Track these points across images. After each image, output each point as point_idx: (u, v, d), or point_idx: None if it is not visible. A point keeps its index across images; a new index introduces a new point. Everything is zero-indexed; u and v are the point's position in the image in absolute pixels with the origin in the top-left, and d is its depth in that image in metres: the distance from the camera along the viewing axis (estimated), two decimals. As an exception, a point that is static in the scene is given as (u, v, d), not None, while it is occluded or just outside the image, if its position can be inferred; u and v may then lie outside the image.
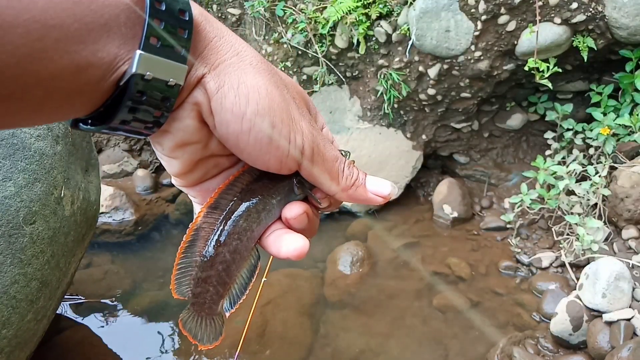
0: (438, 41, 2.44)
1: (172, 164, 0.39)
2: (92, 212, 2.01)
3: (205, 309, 0.41)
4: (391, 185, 0.43)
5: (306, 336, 2.11)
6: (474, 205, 2.92)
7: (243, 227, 0.40)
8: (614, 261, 1.99)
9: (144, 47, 0.32)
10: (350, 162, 0.43)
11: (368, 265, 2.49)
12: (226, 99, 0.35)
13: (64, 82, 0.29)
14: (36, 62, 0.28)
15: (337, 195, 0.42)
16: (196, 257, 0.40)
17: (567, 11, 2.26)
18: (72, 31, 0.29)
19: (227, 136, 0.36)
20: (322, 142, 0.40)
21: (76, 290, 2.40)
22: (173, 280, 0.40)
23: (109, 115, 0.33)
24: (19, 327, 1.62)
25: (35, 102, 0.29)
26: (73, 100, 0.31)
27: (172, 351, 2.12)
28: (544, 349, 1.99)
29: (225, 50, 0.36)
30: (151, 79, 0.32)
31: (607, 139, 2.43)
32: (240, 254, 0.40)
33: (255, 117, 0.35)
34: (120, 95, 0.32)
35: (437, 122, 2.88)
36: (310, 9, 2.63)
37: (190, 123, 0.36)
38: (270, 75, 0.37)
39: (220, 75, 0.35)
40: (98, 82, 0.31)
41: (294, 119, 0.38)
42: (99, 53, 0.30)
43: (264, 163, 0.38)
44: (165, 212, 3.06)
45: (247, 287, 0.41)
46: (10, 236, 1.58)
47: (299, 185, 0.42)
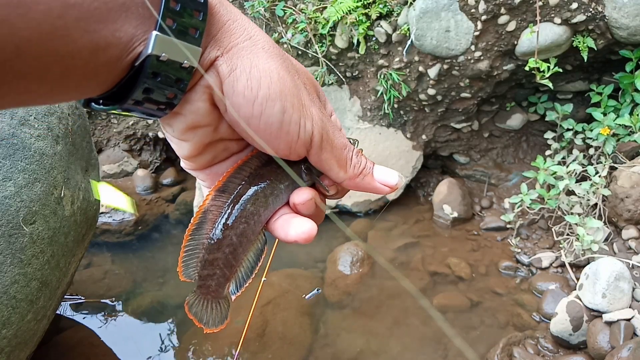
0: (438, 41, 2.44)
1: (182, 146, 0.39)
2: (92, 212, 2.01)
3: (211, 291, 0.41)
4: (399, 175, 0.43)
5: (306, 336, 2.11)
6: (474, 205, 2.92)
7: (250, 211, 0.40)
8: (614, 261, 1.99)
9: (160, 28, 0.32)
10: (358, 151, 0.43)
11: (368, 265, 2.48)
12: (238, 82, 0.35)
13: (83, 61, 0.30)
14: (57, 39, 0.28)
15: (345, 183, 0.42)
16: (203, 240, 0.40)
17: (567, 11, 2.26)
18: (91, 10, 0.29)
19: (237, 120, 0.36)
20: (332, 129, 0.40)
21: (76, 290, 2.40)
22: (180, 263, 0.40)
23: (121, 95, 0.33)
24: (19, 327, 1.62)
25: (53, 81, 0.30)
26: (89, 79, 0.31)
27: (172, 351, 2.12)
28: (544, 349, 1.99)
29: (238, 34, 0.36)
30: (166, 60, 0.32)
31: (607, 139, 2.43)
32: (247, 237, 0.40)
33: (267, 102, 0.35)
34: (134, 75, 0.33)
35: (437, 122, 2.88)
36: (310, 9, 2.63)
37: (201, 105, 0.36)
38: (282, 60, 0.37)
39: (233, 58, 0.35)
40: (115, 61, 0.31)
41: (305, 105, 0.38)
42: (117, 33, 0.30)
43: (273, 148, 0.38)
44: (165, 212, 3.06)
45: (253, 271, 0.42)
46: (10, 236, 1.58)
47: (307, 171, 0.42)
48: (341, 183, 0.42)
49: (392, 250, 2.61)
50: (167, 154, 3.58)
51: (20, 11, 0.26)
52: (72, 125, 1.87)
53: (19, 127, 1.61)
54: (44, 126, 1.70)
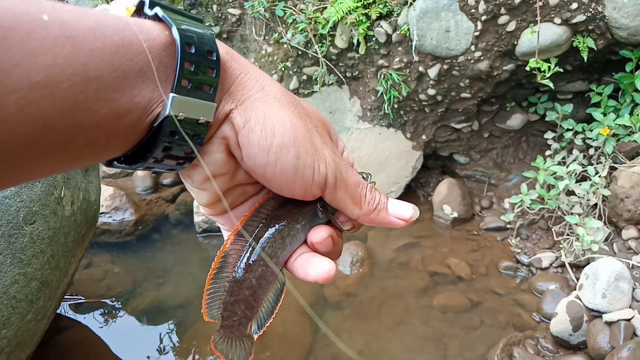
0: (438, 41, 2.44)
1: (201, 195, 0.41)
2: (92, 212, 2.01)
3: (235, 331, 0.42)
4: (413, 208, 0.44)
5: (306, 336, 2.11)
6: (474, 206, 2.92)
7: (269, 253, 0.41)
8: (614, 261, 1.99)
9: (177, 89, 0.33)
10: (372, 186, 0.44)
11: (368, 265, 2.49)
12: (253, 133, 0.36)
13: (105, 129, 0.31)
14: (79, 112, 0.29)
15: (360, 219, 0.43)
16: (224, 283, 0.41)
17: (567, 11, 2.26)
18: (110, 80, 0.30)
19: (254, 168, 0.38)
20: (345, 168, 0.41)
21: (76, 290, 2.40)
22: (204, 305, 0.42)
23: (141, 153, 0.35)
24: (19, 327, 1.62)
25: (79, 149, 0.31)
26: (111, 144, 0.33)
27: (172, 351, 2.12)
28: (544, 349, 1.99)
29: (250, 86, 0.37)
30: (183, 118, 0.34)
31: (607, 139, 2.43)
32: (266, 279, 0.42)
33: (281, 150, 0.37)
34: (153, 135, 0.34)
35: (437, 123, 2.88)
36: (310, 9, 2.63)
37: (219, 156, 0.38)
38: (293, 107, 0.39)
39: (247, 110, 0.36)
40: (134, 125, 0.33)
41: (318, 148, 0.39)
42: (135, 98, 0.32)
43: (289, 191, 0.39)
44: (165, 212, 3.06)
45: (273, 311, 0.43)
46: (10, 236, 1.58)
47: (322, 209, 0.43)
48: (357, 219, 0.44)
49: (392, 250, 2.61)
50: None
51: (46, 92, 0.27)
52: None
53: (19, 127, 1.61)
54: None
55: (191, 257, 2.71)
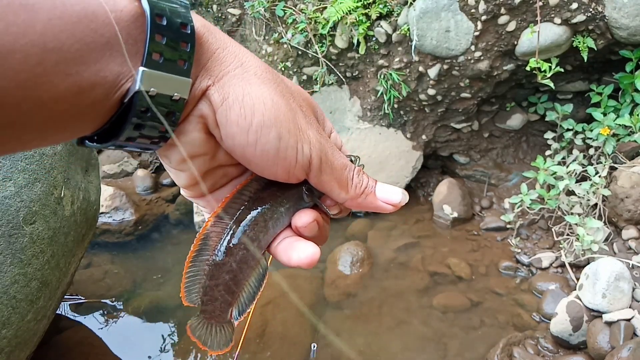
0: (438, 41, 2.44)
1: (180, 176, 0.39)
2: (92, 212, 2.01)
3: (214, 316, 0.41)
4: (402, 192, 0.43)
5: (306, 336, 2.11)
6: (474, 206, 2.92)
7: (250, 237, 0.40)
8: (614, 261, 1.99)
9: (147, 63, 0.31)
10: (359, 169, 0.42)
11: (368, 265, 2.49)
12: (231, 111, 0.34)
13: (67, 104, 0.29)
14: (37, 87, 0.27)
15: (347, 203, 0.42)
16: (204, 266, 0.40)
17: (567, 11, 2.26)
18: (72, 52, 0.28)
19: (233, 148, 0.36)
20: (330, 150, 0.40)
21: (76, 290, 2.40)
22: (183, 288, 0.40)
23: (114, 131, 0.33)
24: (19, 327, 1.62)
25: (39, 127, 0.29)
26: (77, 121, 0.31)
27: (172, 350, 2.12)
28: (544, 349, 1.99)
29: (229, 62, 0.35)
30: (155, 94, 0.32)
31: (607, 139, 2.43)
32: (247, 264, 0.40)
33: (262, 129, 0.35)
34: (125, 111, 0.32)
35: (437, 122, 2.88)
36: (310, 9, 2.64)
37: (196, 136, 0.36)
38: (275, 85, 0.37)
39: (225, 86, 0.35)
40: (102, 101, 0.31)
41: (301, 128, 0.37)
42: (101, 72, 0.30)
43: (271, 173, 0.38)
44: (165, 212, 3.06)
45: (255, 296, 0.42)
46: (11, 236, 1.58)
47: (308, 193, 0.42)
48: (343, 203, 0.42)
49: (392, 250, 2.61)
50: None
51: None
52: (72, 125, 1.87)
53: (19, 127, 1.61)
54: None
55: (191, 257, 2.71)
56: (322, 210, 0.43)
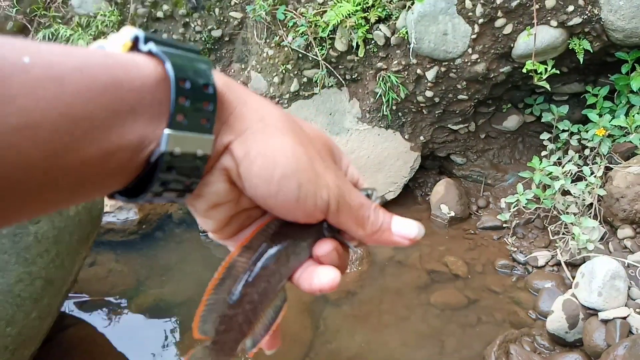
0: (436, 44, 2.47)
1: (207, 223, 0.40)
2: (96, 212, 2.03)
3: (225, 349, 0.41)
4: (418, 226, 0.43)
5: (306, 333, 2.13)
6: (470, 205, 2.94)
7: (272, 270, 0.41)
8: (609, 260, 2.01)
9: (171, 125, 0.32)
10: (376, 205, 0.43)
11: (367, 263, 2.51)
12: (253, 165, 0.36)
13: (95, 168, 0.30)
14: (65, 154, 0.28)
15: (364, 240, 0.43)
16: (225, 295, 0.40)
17: (564, 14, 2.28)
18: (99, 120, 0.29)
19: (256, 197, 0.37)
20: (348, 191, 0.41)
21: (80, 289, 2.42)
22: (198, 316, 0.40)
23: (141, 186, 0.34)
24: (24, 325, 1.64)
25: (68, 189, 0.30)
26: (104, 181, 0.32)
27: (175, 348, 2.14)
28: (540, 346, 2.01)
29: (249, 117, 0.36)
30: (180, 154, 0.33)
31: (602, 140, 2.45)
32: (268, 296, 0.41)
33: (282, 180, 0.36)
34: (151, 170, 0.33)
35: (435, 124, 2.91)
36: (310, 13, 2.67)
37: (221, 186, 0.37)
38: (295, 134, 0.38)
39: (247, 141, 0.36)
40: (127, 162, 0.32)
41: (319, 175, 0.38)
42: (126, 136, 0.31)
43: (292, 217, 0.39)
44: (169, 212, 3.08)
45: (270, 327, 0.42)
46: (15, 235, 1.60)
47: (328, 228, 0.43)
48: (360, 240, 0.44)
49: (390, 248, 2.63)
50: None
51: (26, 134, 0.26)
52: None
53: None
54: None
55: (194, 255, 2.73)
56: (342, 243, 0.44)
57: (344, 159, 0.45)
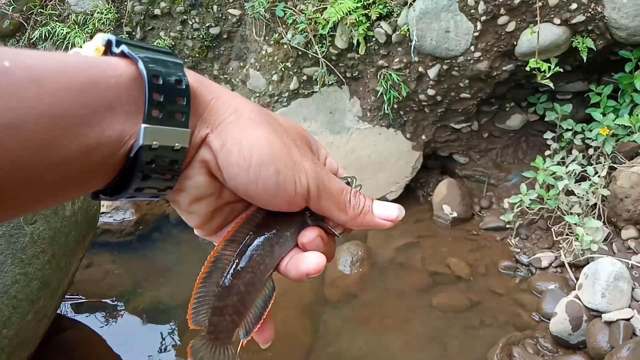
0: (438, 42, 2.45)
1: (191, 217, 0.42)
2: (92, 212, 2.02)
3: (220, 337, 0.43)
4: (398, 208, 0.45)
5: (307, 336, 2.12)
6: (473, 206, 2.93)
7: (257, 261, 0.42)
8: (613, 261, 2.00)
9: (147, 119, 0.34)
10: (355, 191, 0.45)
11: (368, 265, 2.49)
12: (231, 155, 0.37)
13: (77, 164, 0.32)
14: (48, 150, 0.30)
15: (347, 224, 0.44)
16: (214, 287, 0.42)
17: (567, 12, 2.27)
18: (78, 117, 0.31)
19: (236, 187, 0.39)
20: (327, 177, 0.42)
21: (77, 290, 2.41)
22: (190, 309, 0.42)
23: (123, 183, 0.36)
24: (20, 327, 1.63)
25: (53, 186, 0.32)
26: (87, 177, 0.34)
27: (173, 350, 2.13)
28: (543, 348, 2.00)
29: (223, 110, 0.38)
30: (158, 147, 0.34)
31: (606, 139, 2.43)
32: (254, 286, 0.43)
33: (260, 167, 0.38)
34: (132, 165, 0.35)
35: (437, 123, 2.89)
36: (310, 10, 2.64)
37: (201, 179, 0.39)
38: (269, 125, 0.40)
39: (222, 133, 0.38)
40: (108, 157, 0.33)
41: (297, 161, 0.40)
42: (105, 132, 0.32)
43: (274, 206, 0.41)
44: (166, 212, 3.07)
45: (261, 317, 0.43)
46: (11, 236, 1.59)
47: (311, 217, 0.44)
48: (344, 224, 0.45)
49: (392, 250, 2.62)
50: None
51: (11, 133, 0.28)
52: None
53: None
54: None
55: (191, 256, 2.72)
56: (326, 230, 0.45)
57: (321, 150, 0.47)
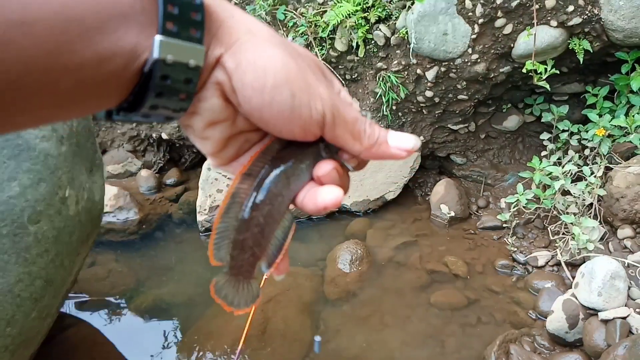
0: (436, 44, 2.47)
1: (205, 144, 0.41)
2: (96, 212, 2.03)
3: (242, 272, 0.42)
4: (414, 138, 0.44)
5: (306, 333, 2.13)
6: (470, 205, 2.95)
7: (274, 193, 0.42)
8: (609, 260, 2.01)
9: (162, 32, 0.33)
10: (370, 121, 0.44)
11: (367, 263, 2.51)
12: (246, 75, 0.36)
13: (91, 72, 0.31)
14: (63, 54, 0.29)
15: (362, 155, 0.43)
16: (233, 222, 0.41)
17: (564, 14, 2.28)
18: (92, 22, 0.30)
19: (251, 111, 0.38)
20: (342, 105, 0.41)
21: (80, 289, 2.42)
22: (212, 244, 0.41)
23: (138, 103, 0.35)
24: (24, 325, 1.63)
25: (66, 94, 0.31)
26: (101, 90, 0.33)
27: (175, 347, 2.14)
28: (540, 346, 2.01)
29: (238, 29, 0.37)
30: (172, 62, 0.34)
31: (602, 140, 2.45)
32: (273, 217, 0.42)
33: (275, 89, 0.37)
34: (146, 82, 0.34)
35: (435, 124, 2.91)
36: (310, 13, 2.67)
37: (215, 102, 0.38)
38: (284, 47, 0.38)
39: (237, 53, 0.36)
40: (122, 70, 0.33)
41: (312, 86, 0.39)
42: (119, 42, 0.32)
43: (289, 132, 0.40)
44: (169, 212, 3.09)
45: (282, 247, 0.43)
46: (15, 235, 1.60)
47: (325, 149, 0.43)
48: (359, 155, 0.44)
49: (390, 248, 2.63)
50: (171, 154, 3.61)
51: (24, 29, 0.28)
52: (76, 127, 1.89)
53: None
54: (49, 127, 1.72)
55: (194, 255, 2.73)
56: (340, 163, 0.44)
57: (335, 82, 0.45)
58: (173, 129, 3.36)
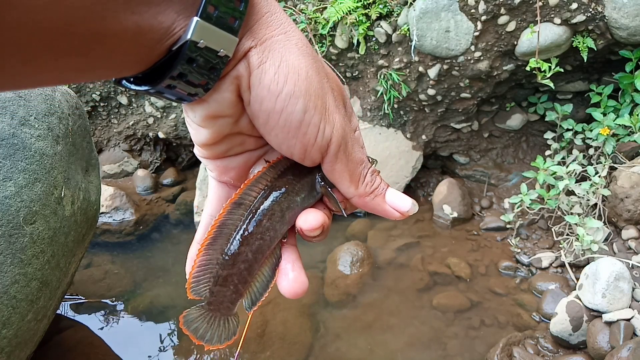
0: (438, 41, 2.45)
1: (200, 133, 0.39)
2: (92, 212, 2.02)
3: (222, 308, 0.40)
4: (412, 203, 0.42)
5: (306, 336, 2.11)
6: (473, 206, 2.92)
7: (266, 227, 0.39)
8: (613, 261, 2.00)
9: (202, 14, 0.32)
10: (374, 170, 0.42)
11: (368, 265, 2.49)
12: (265, 75, 0.35)
13: (126, 42, 0.31)
14: (106, 19, 0.29)
15: (354, 200, 0.41)
16: (217, 255, 0.39)
17: (567, 11, 2.26)
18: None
19: (258, 113, 0.36)
20: (352, 141, 0.40)
21: (76, 290, 2.41)
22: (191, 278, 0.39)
23: (154, 77, 0.34)
24: (19, 327, 1.62)
25: (97, 58, 0.31)
26: (130, 59, 0.32)
27: (172, 350, 2.13)
28: (543, 349, 2.00)
29: (274, 27, 0.36)
30: (203, 47, 0.33)
31: (606, 139, 2.43)
32: (263, 253, 0.40)
33: (290, 98, 0.35)
34: (171, 60, 0.33)
35: (437, 123, 2.89)
36: (310, 10, 2.64)
37: (227, 96, 0.36)
38: (313, 60, 0.37)
39: (265, 51, 0.35)
40: (155, 44, 0.32)
41: (328, 109, 0.37)
42: (159, 16, 0.31)
43: (288, 148, 0.38)
44: (165, 212, 3.07)
45: (268, 286, 0.41)
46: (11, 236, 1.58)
47: (322, 182, 0.41)
48: (350, 199, 0.41)
49: (392, 250, 2.61)
50: (167, 154, 3.59)
51: None
52: (72, 126, 1.87)
53: (19, 127, 1.62)
54: (44, 126, 1.70)
55: (191, 257, 2.71)
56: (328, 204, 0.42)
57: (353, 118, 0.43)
58: (170, 128, 3.33)
